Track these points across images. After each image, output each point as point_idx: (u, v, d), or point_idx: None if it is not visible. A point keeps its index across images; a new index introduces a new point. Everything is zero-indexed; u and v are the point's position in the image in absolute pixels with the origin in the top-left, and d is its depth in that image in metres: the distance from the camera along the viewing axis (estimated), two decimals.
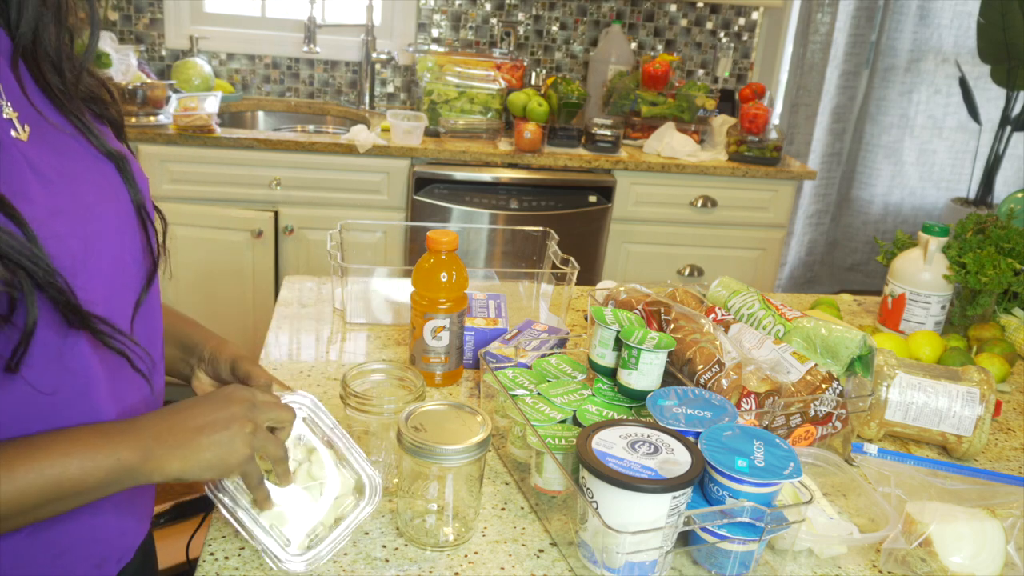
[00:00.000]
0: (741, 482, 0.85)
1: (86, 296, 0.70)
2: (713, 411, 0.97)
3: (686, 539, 0.92)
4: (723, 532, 0.87)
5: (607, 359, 1.11)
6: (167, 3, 2.96)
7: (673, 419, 0.94)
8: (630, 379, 1.06)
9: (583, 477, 0.86)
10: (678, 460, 0.86)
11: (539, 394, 1.07)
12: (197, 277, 2.64)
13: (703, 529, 0.88)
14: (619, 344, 1.09)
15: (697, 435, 0.91)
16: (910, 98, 3.74)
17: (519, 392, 1.08)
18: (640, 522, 0.83)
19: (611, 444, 0.88)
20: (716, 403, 0.99)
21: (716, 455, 0.87)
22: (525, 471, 1.03)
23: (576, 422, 1.02)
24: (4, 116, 0.69)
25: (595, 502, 0.84)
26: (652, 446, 0.88)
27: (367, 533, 0.92)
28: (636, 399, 1.06)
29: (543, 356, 1.20)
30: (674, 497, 0.83)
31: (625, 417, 1.00)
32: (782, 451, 0.90)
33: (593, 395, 1.08)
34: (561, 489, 0.98)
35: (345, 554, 0.89)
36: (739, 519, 0.86)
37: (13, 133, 0.69)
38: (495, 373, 1.10)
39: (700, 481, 0.90)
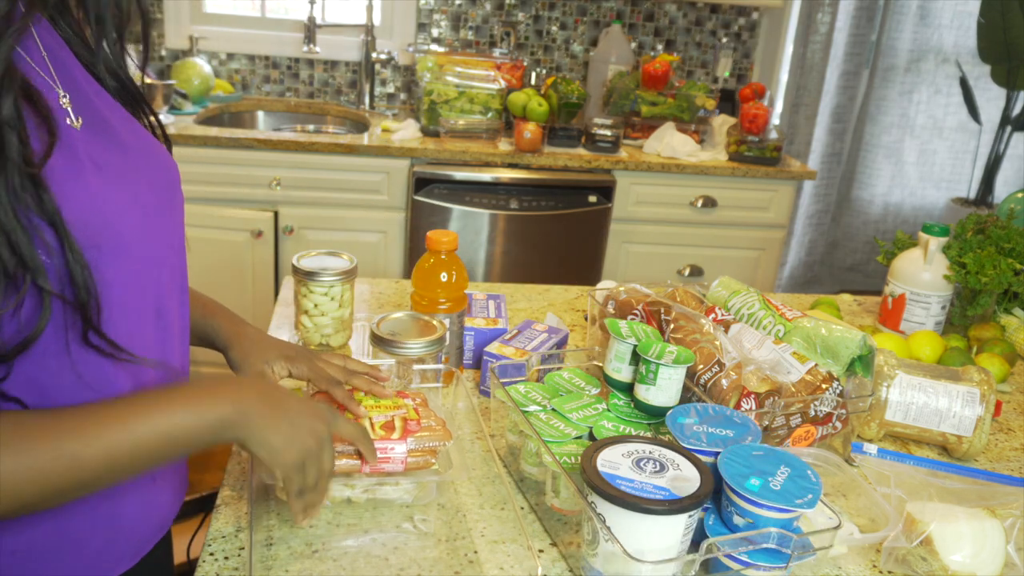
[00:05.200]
0: (749, 501, 0.83)
1: (140, 281, 0.75)
2: (735, 430, 0.95)
3: (706, 565, 0.90)
4: (743, 558, 0.85)
5: (623, 374, 1.09)
6: (167, 3, 2.96)
7: (694, 438, 0.92)
8: (648, 395, 1.04)
9: (592, 501, 0.84)
10: (687, 477, 0.84)
11: (553, 409, 1.06)
12: (197, 277, 2.63)
13: (726, 555, 0.86)
14: (636, 358, 1.07)
15: (717, 455, 0.89)
16: (910, 98, 3.74)
17: (532, 408, 1.06)
18: (655, 547, 0.81)
19: (616, 465, 0.85)
20: (738, 421, 0.97)
21: (732, 469, 0.86)
22: (538, 490, 1.02)
23: (592, 439, 1.00)
24: (61, 104, 0.72)
25: (608, 527, 0.82)
26: (657, 463, 0.86)
27: (367, 532, 0.92)
28: (654, 415, 1.04)
29: (544, 356, 1.20)
30: (689, 516, 0.82)
31: (624, 435, 0.98)
32: (808, 482, 0.86)
33: (608, 410, 1.07)
34: (579, 509, 0.97)
35: (345, 553, 0.89)
36: (763, 545, 0.84)
37: (67, 121, 0.71)
38: (506, 389, 1.08)
39: (716, 496, 0.89)
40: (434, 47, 3.11)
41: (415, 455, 0.92)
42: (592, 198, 2.72)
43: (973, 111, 3.62)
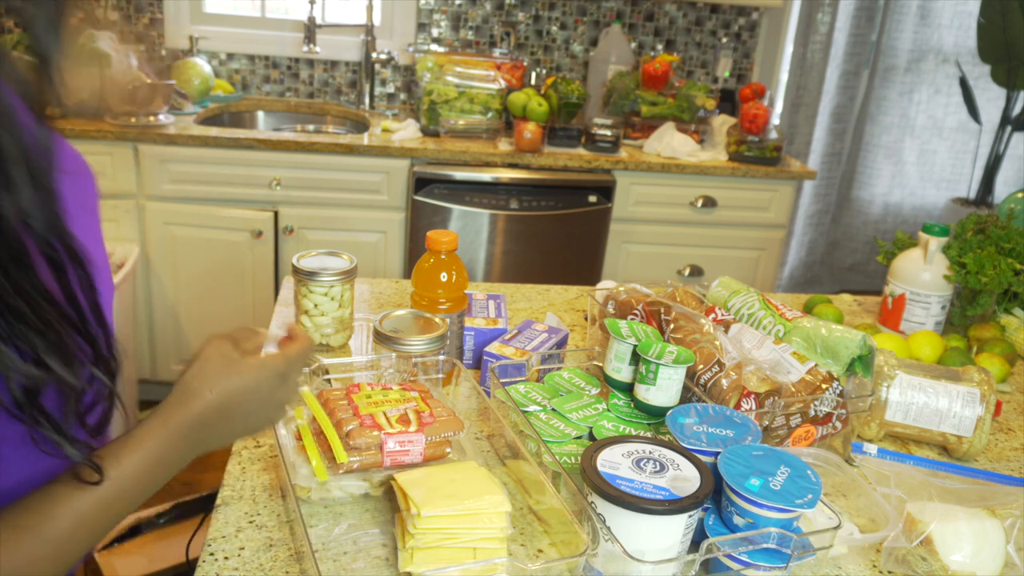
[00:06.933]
0: (749, 501, 0.83)
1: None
2: (735, 430, 0.95)
3: (706, 565, 0.90)
4: (743, 558, 0.85)
5: (623, 374, 1.09)
6: (167, 3, 2.96)
7: (694, 438, 0.92)
8: (648, 395, 1.04)
9: (592, 501, 0.84)
10: (687, 476, 0.85)
11: (553, 409, 1.06)
12: (197, 277, 2.64)
13: (726, 555, 0.86)
14: (636, 358, 1.07)
15: (717, 455, 0.89)
16: (910, 98, 3.74)
17: (532, 408, 1.06)
18: (655, 547, 0.81)
19: (616, 465, 0.85)
20: (738, 421, 0.97)
21: (732, 469, 0.86)
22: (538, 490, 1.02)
23: (592, 439, 1.00)
24: None
25: (608, 527, 0.82)
26: (657, 463, 0.86)
27: (367, 532, 0.92)
28: (654, 415, 1.04)
29: (544, 356, 1.20)
30: (689, 516, 0.82)
31: (624, 435, 0.98)
32: (808, 482, 0.86)
33: (608, 410, 1.06)
34: (579, 509, 0.97)
35: (345, 553, 0.89)
36: (764, 545, 0.84)
37: None
38: (506, 389, 1.08)
39: (716, 496, 0.89)
40: (434, 47, 3.11)
41: (431, 447, 0.94)
42: (592, 198, 2.72)
43: (973, 111, 3.62)
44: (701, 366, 1.07)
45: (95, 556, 1.74)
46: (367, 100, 3.08)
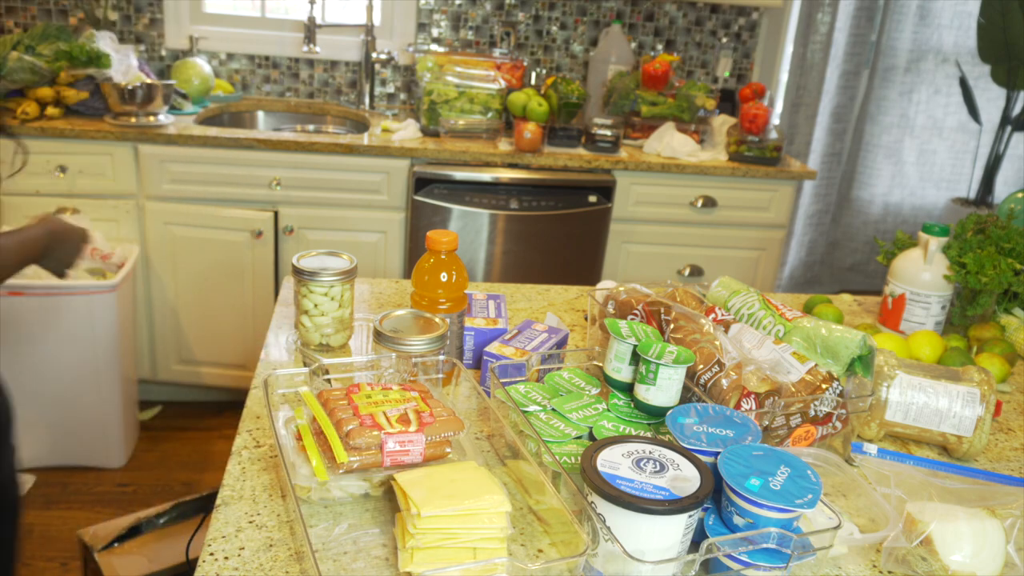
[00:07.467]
0: (749, 501, 0.83)
1: None
2: (735, 430, 0.95)
3: (706, 565, 0.90)
4: (744, 558, 0.85)
5: (623, 374, 1.09)
6: (167, 3, 2.96)
7: (694, 438, 0.92)
8: (648, 395, 1.04)
9: (592, 501, 0.84)
10: (687, 476, 0.85)
11: (553, 409, 1.06)
12: (197, 277, 2.64)
13: (726, 555, 0.86)
14: (636, 358, 1.07)
15: (717, 455, 0.89)
16: (910, 98, 3.74)
17: (532, 408, 1.06)
18: (655, 547, 0.81)
19: (616, 465, 0.85)
20: (738, 421, 0.97)
21: (732, 469, 0.85)
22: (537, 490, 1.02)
23: (592, 439, 1.00)
24: None
25: (608, 527, 0.82)
26: (657, 463, 0.86)
27: (367, 532, 0.92)
28: (654, 415, 1.04)
29: (544, 356, 1.20)
30: (689, 516, 0.82)
31: (624, 435, 0.98)
32: (808, 482, 0.86)
33: (608, 410, 1.07)
34: (579, 509, 0.97)
35: (345, 553, 0.89)
36: (764, 545, 0.84)
37: None
38: (506, 389, 1.08)
39: (716, 496, 0.89)
40: (434, 47, 3.11)
41: (431, 447, 0.94)
42: (592, 198, 2.72)
43: (973, 111, 3.62)
44: (701, 366, 1.07)
45: (95, 556, 1.73)
46: (367, 100, 3.08)
